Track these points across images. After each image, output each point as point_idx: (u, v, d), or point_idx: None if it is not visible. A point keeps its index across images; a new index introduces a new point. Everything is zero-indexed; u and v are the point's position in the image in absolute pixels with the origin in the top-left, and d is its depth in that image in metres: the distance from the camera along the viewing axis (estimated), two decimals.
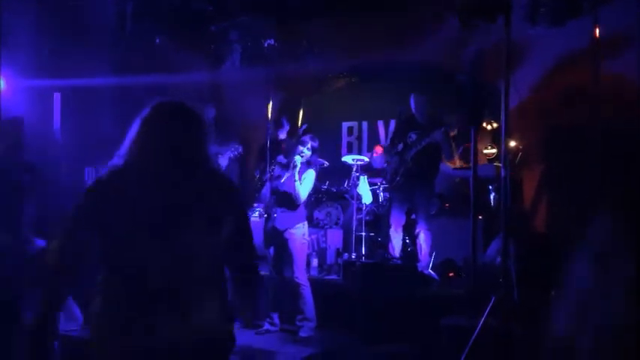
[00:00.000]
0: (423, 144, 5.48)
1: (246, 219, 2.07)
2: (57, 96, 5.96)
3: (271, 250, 5.22)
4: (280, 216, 5.11)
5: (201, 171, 1.92)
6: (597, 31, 4.84)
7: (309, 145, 5.09)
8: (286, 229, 5.06)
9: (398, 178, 5.64)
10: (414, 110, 5.69)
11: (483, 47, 4.07)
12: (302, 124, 8.10)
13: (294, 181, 5.00)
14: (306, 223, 5.22)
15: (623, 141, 4.58)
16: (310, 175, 5.12)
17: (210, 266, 1.87)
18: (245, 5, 6.34)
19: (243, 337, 5.02)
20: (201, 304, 1.81)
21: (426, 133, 5.48)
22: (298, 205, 5.09)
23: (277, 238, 5.12)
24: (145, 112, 1.94)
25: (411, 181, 5.56)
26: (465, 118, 4.42)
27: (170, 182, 1.84)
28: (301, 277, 5.06)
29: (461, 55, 4.15)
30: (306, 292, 5.05)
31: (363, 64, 7.40)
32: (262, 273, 5.39)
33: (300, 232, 5.10)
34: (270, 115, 6.85)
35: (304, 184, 5.04)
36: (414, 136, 5.59)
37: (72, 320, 5.37)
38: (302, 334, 5.02)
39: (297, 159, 5.00)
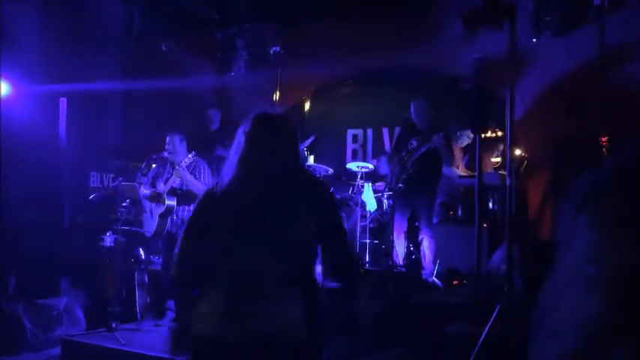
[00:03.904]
0: (423, 150, 5.46)
1: (335, 220, 2.15)
2: (63, 101, 5.98)
3: None
4: None
5: (304, 175, 2.17)
6: (603, 40, 4.83)
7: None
8: None
9: (400, 185, 5.62)
10: (413, 117, 5.68)
11: (488, 54, 4.06)
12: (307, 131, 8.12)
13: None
14: None
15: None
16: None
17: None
18: (250, 12, 6.36)
19: None
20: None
21: (425, 138, 5.46)
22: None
23: None
24: (247, 125, 2.06)
25: (412, 187, 5.54)
26: (469, 124, 4.41)
27: (274, 188, 1.99)
28: None
29: (465, 61, 4.13)
30: None
31: (367, 71, 7.41)
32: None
33: None
34: None
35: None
36: (414, 143, 5.58)
37: (76, 325, 5.38)
38: None
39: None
